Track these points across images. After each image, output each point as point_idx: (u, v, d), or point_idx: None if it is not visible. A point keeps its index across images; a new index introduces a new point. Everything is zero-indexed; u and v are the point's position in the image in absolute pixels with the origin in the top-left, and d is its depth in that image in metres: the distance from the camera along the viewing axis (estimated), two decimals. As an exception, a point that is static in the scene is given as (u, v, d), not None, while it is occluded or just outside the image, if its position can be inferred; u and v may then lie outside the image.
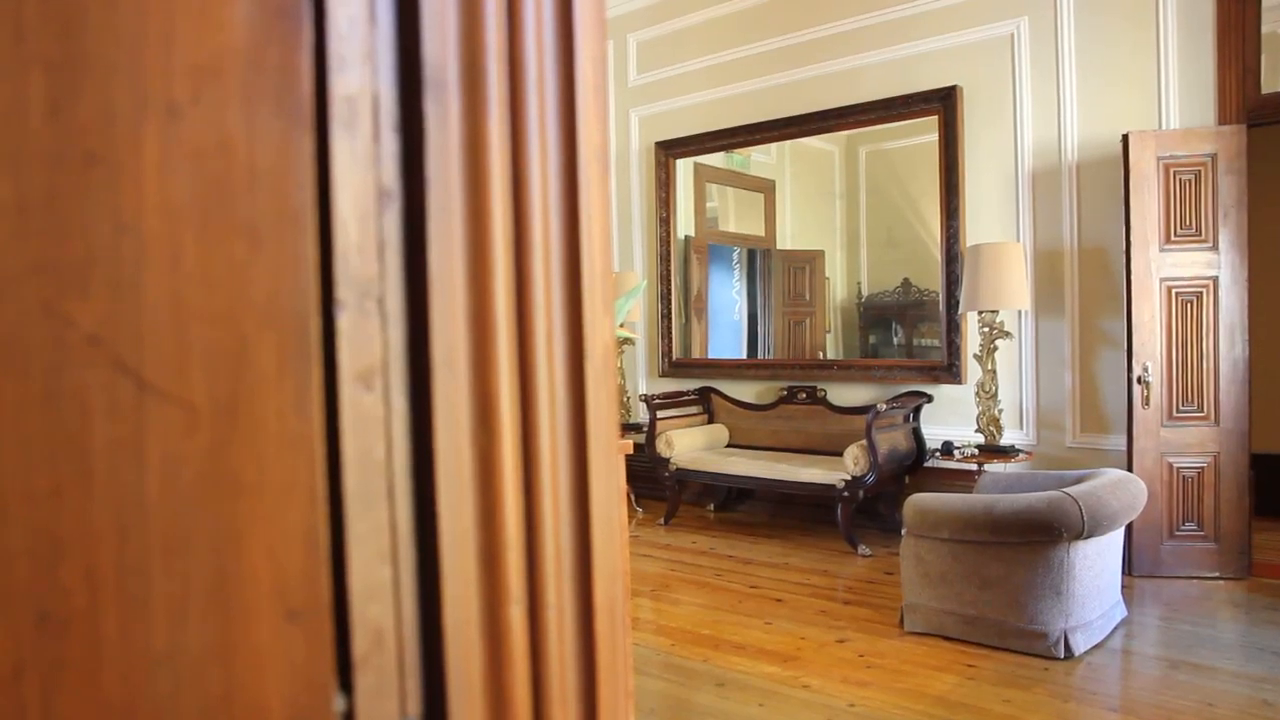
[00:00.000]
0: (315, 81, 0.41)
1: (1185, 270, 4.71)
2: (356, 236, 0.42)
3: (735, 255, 7.38)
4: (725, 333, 7.32)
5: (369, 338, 0.43)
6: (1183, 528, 4.75)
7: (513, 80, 0.48)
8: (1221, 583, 4.68)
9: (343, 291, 0.41)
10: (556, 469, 0.50)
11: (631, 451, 2.47)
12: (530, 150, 0.49)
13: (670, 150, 7.15)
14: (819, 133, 6.41)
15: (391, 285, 0.44)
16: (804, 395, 6.39)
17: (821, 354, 6.62)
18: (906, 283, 6.29)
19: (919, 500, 4.05)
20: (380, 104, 0.43)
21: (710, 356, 7.17)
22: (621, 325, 6.96)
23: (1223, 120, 4.82)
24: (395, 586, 0.44)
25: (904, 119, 5.96)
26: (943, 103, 5.71)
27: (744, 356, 7.05)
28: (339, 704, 0.41)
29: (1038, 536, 3.68)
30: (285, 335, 0.36)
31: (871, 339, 6.53)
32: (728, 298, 7.32)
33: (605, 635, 0.53)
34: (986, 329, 5.22)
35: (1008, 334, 5.22)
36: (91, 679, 0.33)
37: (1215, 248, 4.69)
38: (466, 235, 0.46)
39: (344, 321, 0.41)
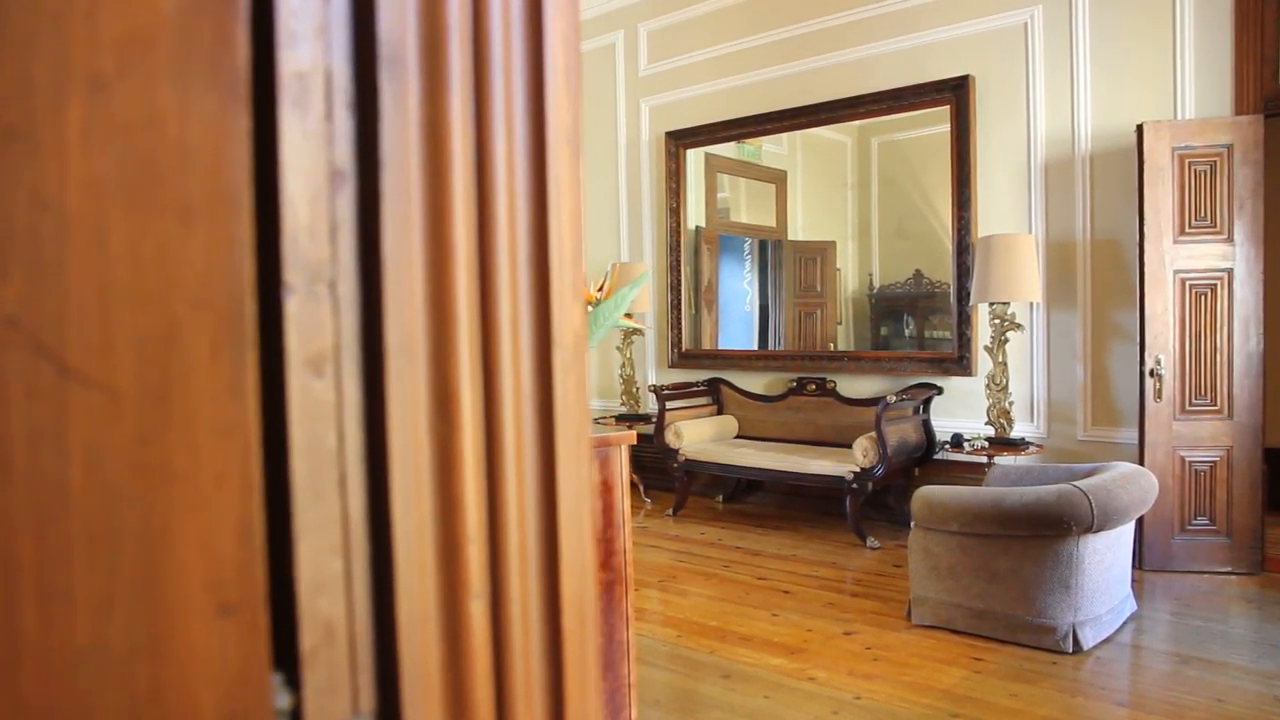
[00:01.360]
0: (264, 57, 0.39)
1: (1199, 262, 4.66)
2: (307, 218, 0.41)
3: (747, 246, 7.34)
4: (736, 324, 7.29)
5: (319, 322, 0.41)
6: (1194, 522, 4.71)
7: (477, 59, 0.47)
8: (1233, 578, 4.64)
9: (291, 274, 0.40)
10: (522, 460, 0.49)
11: (635, 442, 2.46)
12: (495, 131, 0.48)
13: (680, 140, 7.11)
14: (829, 123, 6.37)
15: (344, 269, 0.42)
16: (813, 387, 6.36)
17: (833, 345, 6.58)
18: (918, 274, 6.25)
19: (927, 493, 4.02)
20: (334, 81, 0.42)
21: (720, 348, 7.15)
22: (629, 315, 6.94)
23: (1239, 110, 4.76)
24: (347, 579, 0.42)
25: (915, 109, 5.91)
26: (954, 93, 5.66)
27: (755, 348, 7.02)
28: (284, 700, 0.39)
29: (1047, 530, 3.65)
30: (219, 319, 0.35)
31: (883, 330, 6.50)
32: (739, 288, 7.29)
33: (573, 630, 0.51)
34: (997, 321, 5.18)
35: (1019, 326, 5.18)
36: (9, 675, 0.32)
37: (1230, 240, 4.64)
38: (425, 218, 0.45)
39: (292, 305, 0.40)
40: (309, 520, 0.41)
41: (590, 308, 2.36)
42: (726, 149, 7.07)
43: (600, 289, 2.41)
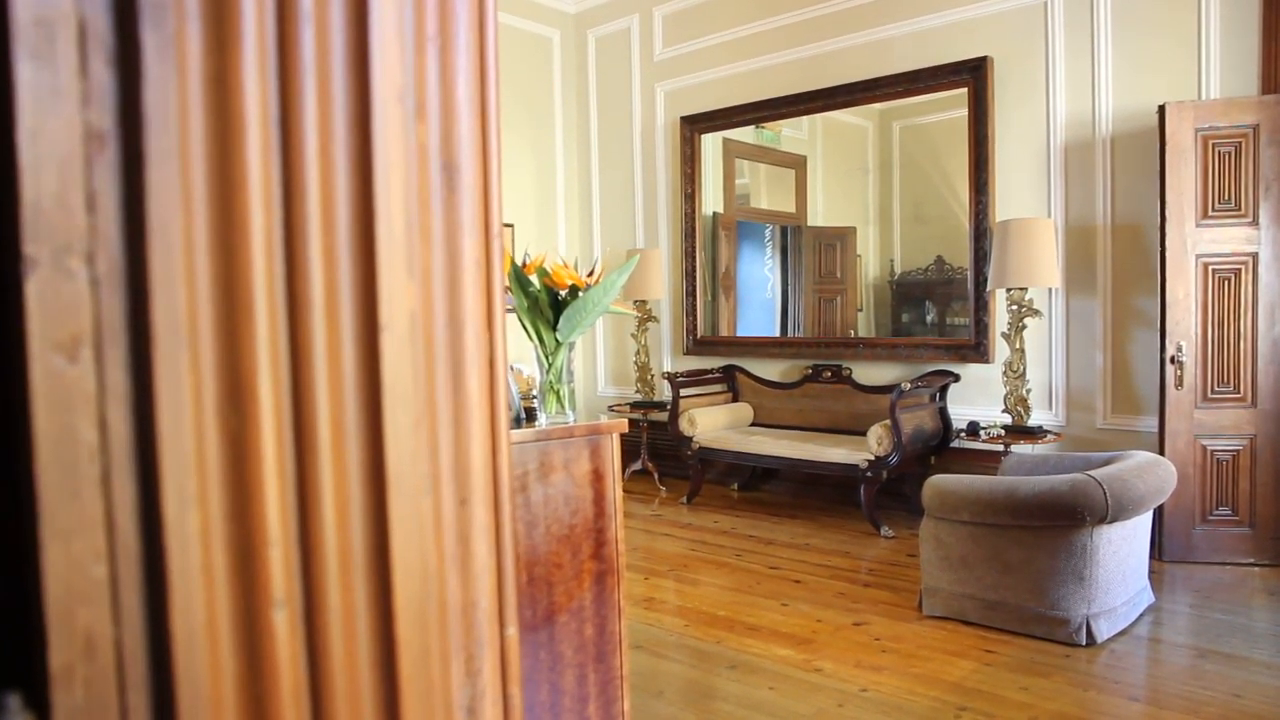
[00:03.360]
0: (-2, 2, 0.35)
1: (1223, 246, 4.54)
2: (55, 185, 0.36)
3: (768, 232, 7.26)
4: (756, 310, 7.22)
5: (73, 301, 0.37)
6: (1216, 512, 4.60)
7: (280, 6, 0.42)
8: (1256, 569, 4.52)
9: (32, 247, 0.36)
10: (341, 455, 0.45)
11: (626, 430, 2.41)
12: (304, 88, 0.43)
13: (695, 125, 7.03)
14: (845, 106, 6.26)
15: (106, 242, 0.38)
16: (829, 374, 6.29)
17: (853, 332, 6.50)
18: (940, 260, 6.15)
19: (939, 482, 3.95)
20: (89, 31, 0.37)
21: (739, 334, 7.08)
22: (642, 303, 6.88)
23: (1266, 90, 4.62)
24: (114, 587, 0.38)
25: (933, 91, 5.79)
26: (972, 74, 5.54)
27: (776, 335, 6.94)
28: (21, 725, 0.35)
29: (1060, 520, 3.57)
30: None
31: (904, 317, 6.41)
32: (759, 275, 7.21)
33: (411, 641, 0.47)
34: (1015, 307, 5.08)
35: (1037, 312, 5.07)
36: None
37: (1255, 223, 4.51)
38: (209, 185, 0.40)
39: (34, 282, 0.36)
40: (61, 522, 0.36)
41: (580, 293, 2.31)
42: (745, 134, 6.99)
43: (590, 274, 2.36)
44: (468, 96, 0.57)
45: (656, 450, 6.98)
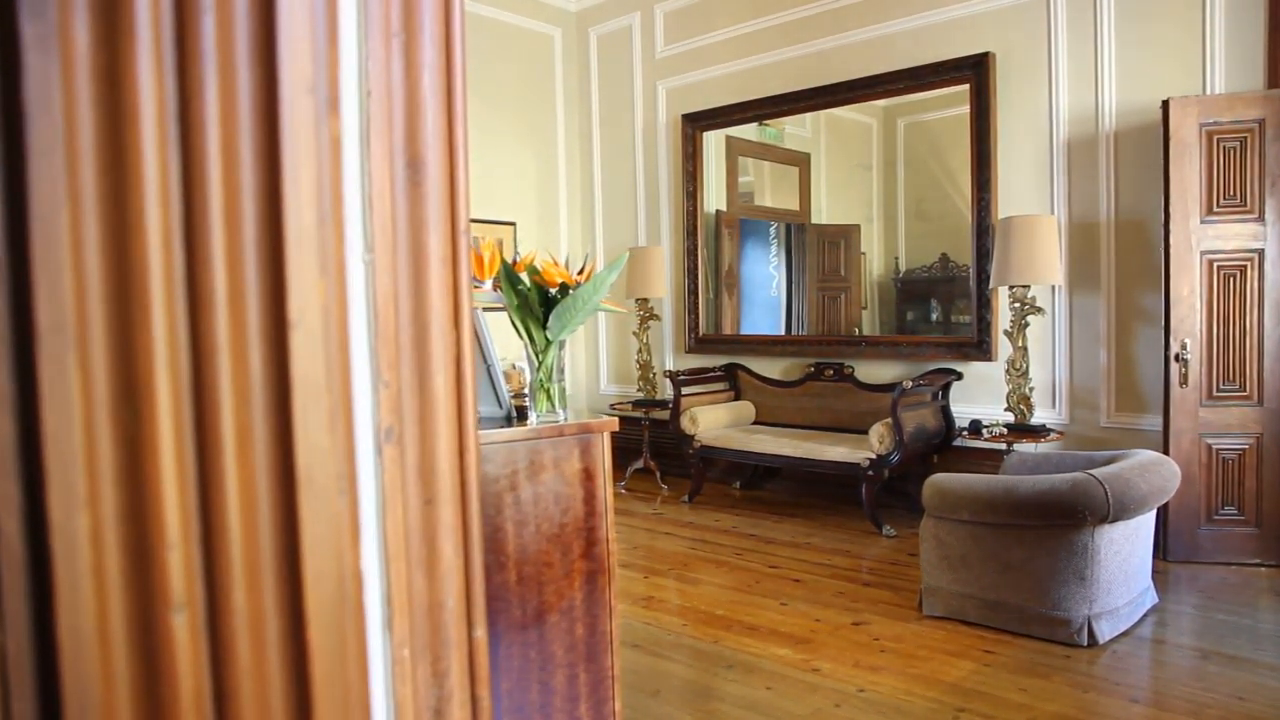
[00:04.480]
0: None
1: (1228, 243, 4.50)
2: (-70, 178, 0.35)
3: (772, 230, 7.24)
4: (760, 309, 7.20)
5: (-49, 299, 0.36)
6: (1221, 511, 4.57)
7: (179, -2, 0.41)
8: (1262, 570, 4.49)
9: (-96, 243, 0.35)
10: (248, 454, 0.43)
11: (617, 429, 2.40)
12: (206, 82, 0.42)
13: (696, 123, 7.02)
14: (847, 103, 6.24)
15: (-13, 237, 0.37)
16: (831, 372, 6.27)
17: (857, 330, 6.48)
18: (945, 258, 6.13)
19: (938, 480, 3.93)
20: (-33, 21, 0.36)
21: (742, 332, 7.06)
22: (645, 301, 6.86)
23: (1272, 85, 4.58)
24: (-4, 593, 0.37)
25: (935, 88, 5.76)
26: (974, 70, 5.51)
27: (782, 333, 6.91)
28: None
29: (1060, 519, 3.54)
30: None
31: (909, 315, 6.38)
32: (764, 273, 7.19)
33: (325, 645, 0.46)
34: (1017, 304, 5.05)
35: (1039, 310, 5.04)
36: None
37: (1261, 219, 4.47)
38: (101, 180, 0.39)
39: (-93, 279, 0.35)
40: (-61, 525, 0.35)
41: (571, 291, 2.30)
42: (747, 131, 6.96)
43: (581, 272, 2.35)
44: (433, 94, 0.56)
45: (658, 449, 6.98)
